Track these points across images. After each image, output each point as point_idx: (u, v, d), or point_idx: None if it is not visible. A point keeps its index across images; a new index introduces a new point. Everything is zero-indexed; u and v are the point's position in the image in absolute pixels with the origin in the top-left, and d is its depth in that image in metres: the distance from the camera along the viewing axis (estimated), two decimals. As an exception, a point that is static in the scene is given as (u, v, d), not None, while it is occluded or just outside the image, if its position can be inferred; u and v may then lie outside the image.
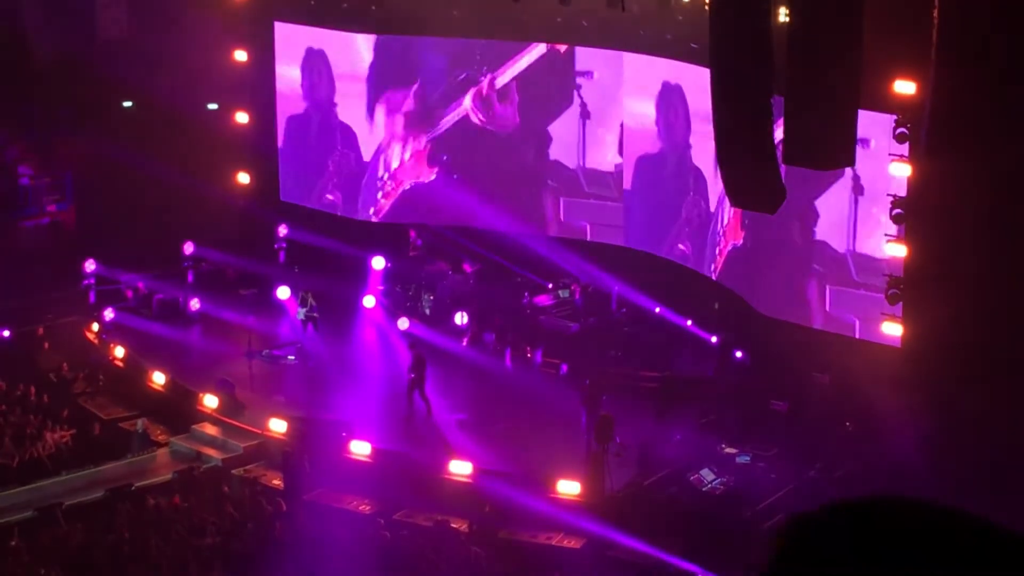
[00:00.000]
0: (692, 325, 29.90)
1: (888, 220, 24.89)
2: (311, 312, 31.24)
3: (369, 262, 33.14)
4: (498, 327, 30.55)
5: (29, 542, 23.18)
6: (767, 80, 17.59)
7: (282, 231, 34.51)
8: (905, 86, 23.64)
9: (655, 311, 30.59)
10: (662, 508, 24.35)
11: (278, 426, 27.00)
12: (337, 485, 25.40)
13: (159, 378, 29.38)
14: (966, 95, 22.00)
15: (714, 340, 29.05)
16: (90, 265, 32.54)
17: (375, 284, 33.11)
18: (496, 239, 32.98)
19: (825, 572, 1.82)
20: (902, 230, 24.87)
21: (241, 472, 26.56)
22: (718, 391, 27.98)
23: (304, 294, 31.43)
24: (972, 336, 23.13)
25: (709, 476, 25.09)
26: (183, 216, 33.66)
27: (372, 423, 26.89)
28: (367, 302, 32.38)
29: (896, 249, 25.01)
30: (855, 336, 26.33)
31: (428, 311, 32.31)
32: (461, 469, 25.11)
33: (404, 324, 31.08)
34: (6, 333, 31.25)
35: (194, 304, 32.45)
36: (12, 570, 22.24)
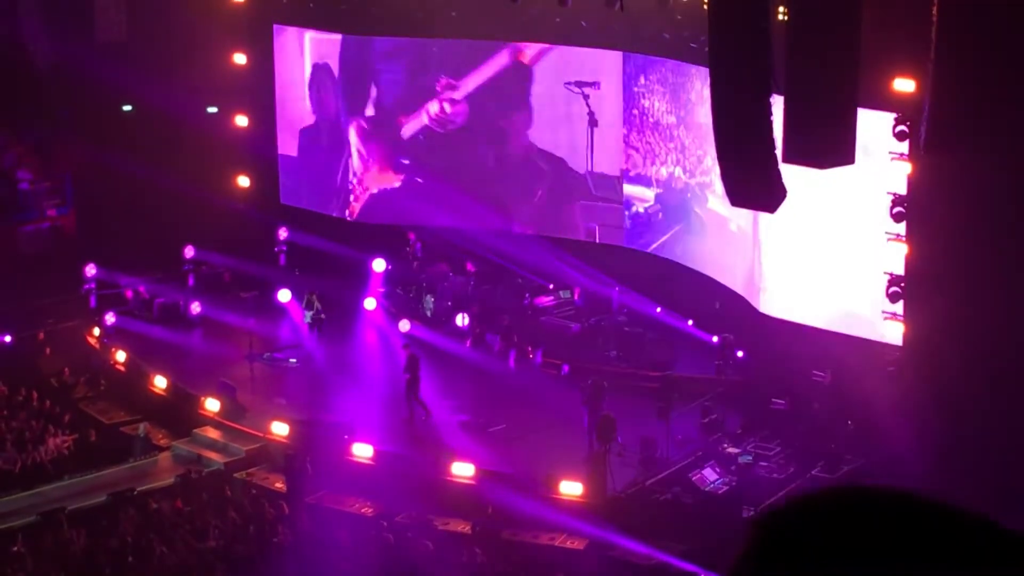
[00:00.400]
0: (693, 325, 29.90)
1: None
2: (318, 315, 31.20)
3: (370, 264, 33.12)
4: (504, 328, 30.53)
5: (32, 547, 23.16)
6: (766, 79, 17.59)
7: (282, 234, 34.49)
8: (904, 84, 23.63)
9: (656, 311, 30.59)
10: (664, 508, 24.34)
11: (280, 429, 26.98)
12: (339, 488, 25.39)
13: (160, 382, 29.36)
14: (966, 93, 21.97)
15: (715, 340, 29.03)
16: (91, 269, 32.50)
17: (376, 286, 33.09)
18: (490, 240, 33.01)
19: (799, 569, 1.73)
20: (904, 228, 24.86)
21: (243, 475, 26.55)
22: (719, 391, 27.97)
23: (309, 296, 31.39)
24: (974, 333, 23.13)
25: (711, 476, 25.07)
26: (183, 220, 33.61)
27: (374, 425, 26.88)
28: (368, 304, 32.35)
29: (897, 248, 25.00)
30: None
31: (429, 313, 32.28)
32: (463, 471, 25.10)
33: (405, 326, 31.05)
34: (7, 338, 31.23)
35: (195, 308, 32.42)
36: (15, 574, 22.23)
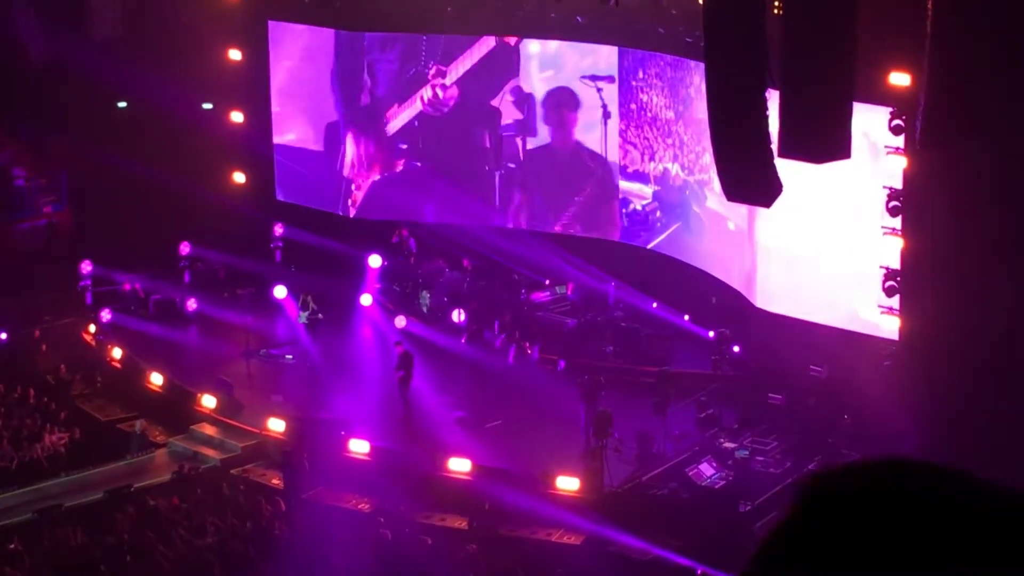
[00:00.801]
0: (689, 320, 29.89)
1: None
2: (314, 315, 31.15)
3: (366, 260, 33.10)
4: (506, 323, 30.52)
5: (29, 544, 23.15)
6: (762, 73, 17.57)
7: (278, 230, 34.46)
8: (900, 78, 23.62)
9: (652, 307, 30.59)
10: (661, 503, 24.36)
11: (276, 425, 26.98)
12: (336, 484, 25.39)
13: (157, 379, 29.35)
14: (961, 87, 21.95)
15: (711, 335, 29.02)
16: (86, 266, 32.48)
17: (372, 282, 33.06)
18: (485, 235, 33.02)
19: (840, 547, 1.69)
20: (900, 222, 24.86)
21: (240, 472, 26.54)
22: (716, 386, 27.97)
23: (304, 297, 31.35)
24: (970, 327, 23.14)
25: (708, 471, 25.08)
26: (179, 216, 33.59)
27: (371, 421, 26.88)
28: (364, 300, 32.32)
29: (893, 242, 25.00)
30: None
31: (426, 309, 32.26)
32: (460, 467, 25.10)
33: (401, 322, 31.04)
34: (3, 335, 31.22)
35: (191, 304, 32.40)
36: (12, 572, 22.21)
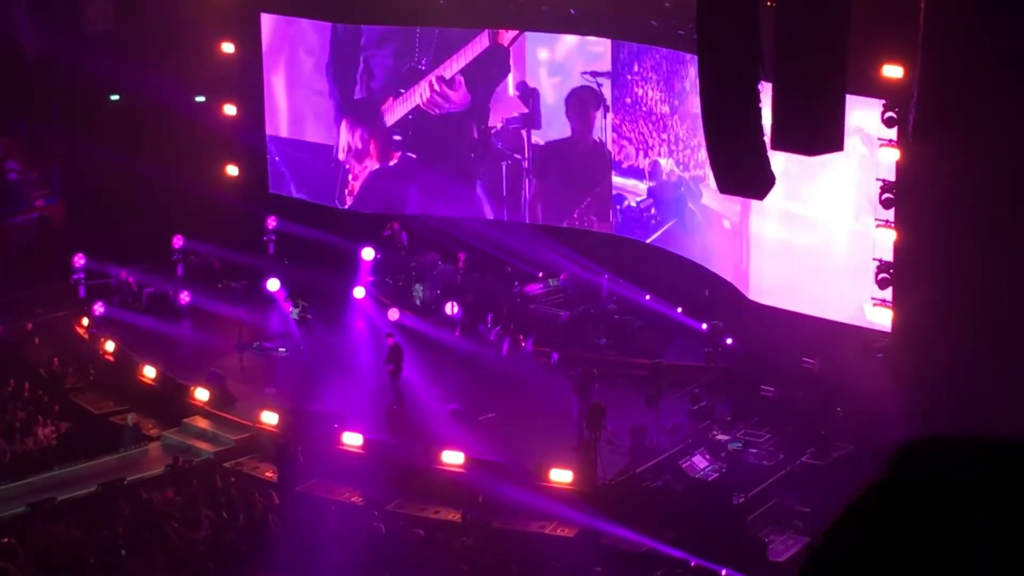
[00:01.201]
0: (682, 313, 29.91)
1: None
2: (304, 313, 31.08)
3: (359, 253, 33.09)
4: (500, 316, 30.53)
5: (21, 537, 23.14)
6: (754, 66, 17.59)
7: (271, 223, 34.45)
8: (893, 70, 23.64)
9: (645, 299, 30.60)
10: (654, 495, 24.38)
11: (270, 418, 26.99)
12: (329, 477, 25.39)
13: (150, 372, 29.33)
14: (954, 79, 21.99)
15: (704, 327, 29.04)
16: (79, 260, 32.47)
17: (365, 275, 33.05)
18: (481, 228, 33.02)
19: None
20: (892, 215, 24.89)
21: (233, 465, 26.54)
22: (709, 378, 28.00)
23: (296, 300, 31.22)
24: (962, 319, 23.18)
25: (701, 463, 25.10)
26: (172, 209, 33.55)
27: (364, 414, 26.89)
28: (357, 293, 32.32)
29: (886, 234, 25.03)
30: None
31: (419, 301, 32.27)
32: (453, 459, 25.11)
33: (394, 315, 31.04)
34: (-4, 329, 31.22)
35: (184, 297, 32.39)
36: (4, 566, 22.20)
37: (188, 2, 34.67)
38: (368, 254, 33.10)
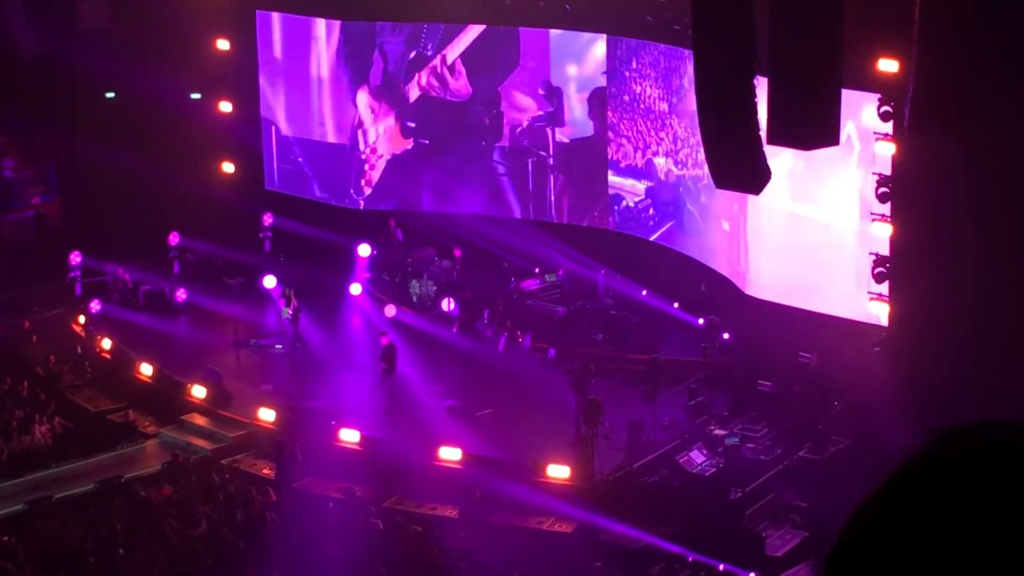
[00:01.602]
0: (678, 308, 29.91)
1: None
2: (295, 311, 30.93)
3: (355, 250, 33.08)
4: (497, 312, 30.52)
5: (19, 535, 23.12)
6: (750, 61, 17.58)
7: (267, 220, 34.44)
8: (888, 64, 23.63)
9: (642, 294, 30.60)
10: (652, 491, 24.37)
11: (267, 415, 26.98)
12: (327, 473, 25.38)
13: (146, 369, 29.32)
14: (950, 73, 22.00)
15: (701, 322, 29.05)
16: (76, 257, 32.45)
17: (361, 271, 33.05)
18: (478, 224, 33.01)
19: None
20: (889, 209, 24.89)
21: (230, 462, 26.53)
22: (706, 373, 28.00)
23: (287, 292, 31.11)
24: (958, 313, 23.17)
25: (698, 458, 25.10)
26: (168, 207, 33.57)
27: (361, 410, 26.89)
28: (354, 290, 32.32)
29: (882, 228, 25.03)
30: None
31: (416, 298, 32.26)
32: (451, 455, 25.11)
33: (391, 312, 31.02)
34: (-8, 327, 31.20)
35: (180, 295, 32.38)
36: (4, 564, 22.18)
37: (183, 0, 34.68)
38: (364, 250, 33.09)
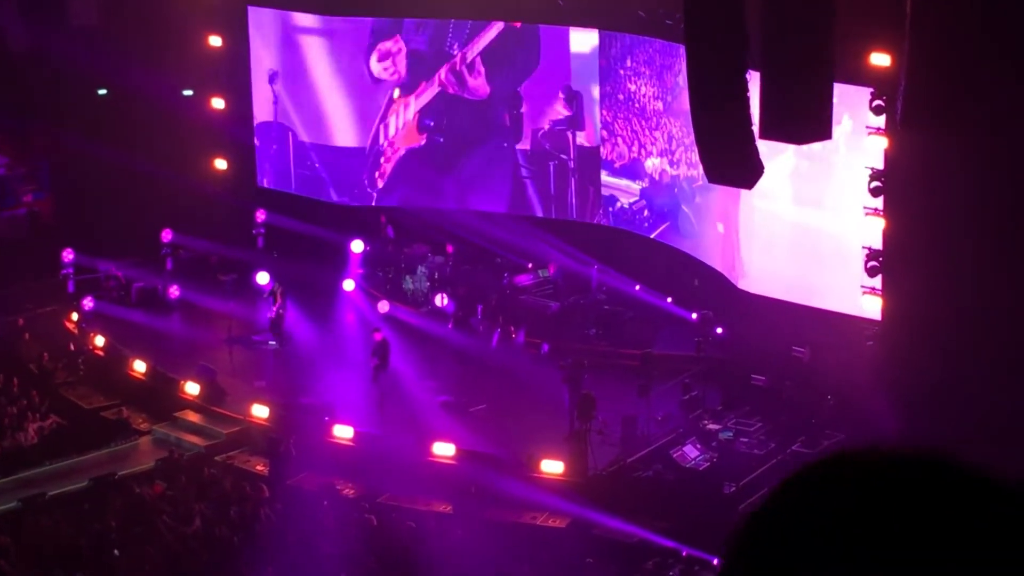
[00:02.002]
0: (672, 303, 29.92)
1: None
2: (279, 310, 30.78)
3: (348, 246, 33.07)
4: (490, 308, 30.52)
5: (13, 533, 23.10)
6: (742, 55, 17.59)
7: (260, 216, 34.42)
8: (880, 59, 23.65)
9: (635, 289, 30.61)
10: (646, 485, 24.40)
11: (260, 412, 26.97)
12: (321, 469, 25.36)
13: (140, 366, 29.30)
14: (941, 67, 22.01)
15: (694, 317, 29.05)
16: (68, 255, 32.42)
17: (355, 268, 33.04)
18: (470, 220, 32.99)
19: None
20: (881, 203, 24.91)
21: (224, 458, 26.52)
22: (699, 368, 28.00)
23: (275, 289, 30.98)
24: (951, 306, 23.20)
25: (692, 452, 25.13)
26: (161, 203, 33.52)
27: (354, 407, 26.88)
28: (347, 286, 32.31)
29: (875, 222, 25.05)
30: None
31: (409, 294, 32.25)
32: (444, 451, 25.11)
33: (384, 307, 31.01)
34: (-15, 324, 31.16)
35: (173, 291, 32.35)
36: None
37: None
38: (357, 247, 33.08)
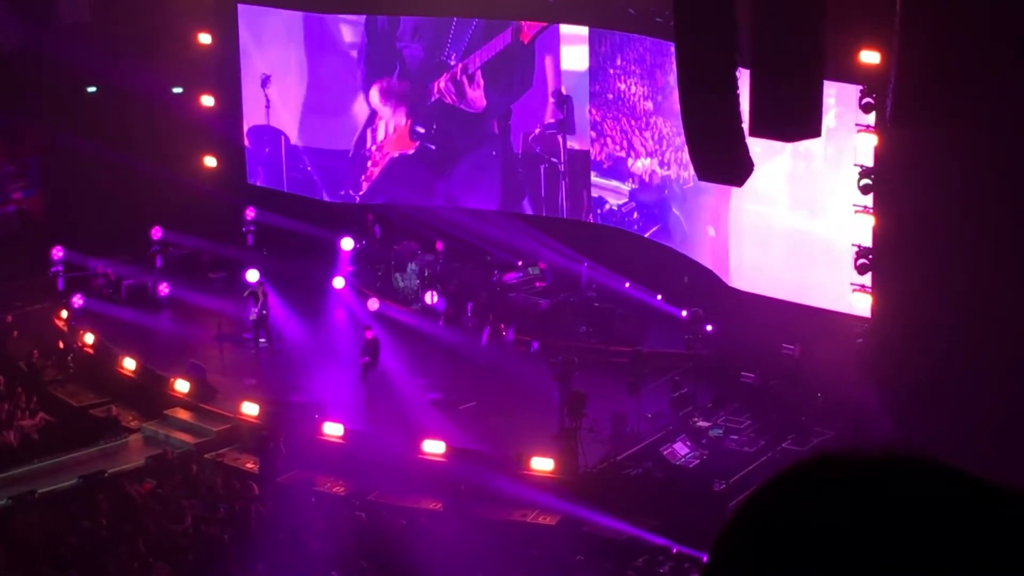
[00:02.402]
0: (662, 300, 29.93)
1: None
2: (262, 309, 30.66)
3: (338, 243, 33.05)
4: (480, 305, 30.51)
5: (2, 530, 23.06)
6: (732, 52, 17.58)
7: (250, 214, 34.38)
8: (870, 56, 23.66)
9: (625, 286, 30.62)
10: (636, 483, 24.41)
11: (250, 409, 26.94)
12: (311, 467, 25.35)
13: (129, 364, 29.27)
14: (931, 65, 22.03)
15: (684, 314, 29.05)
16: (58, 252, 32.38)
17: (345, 265, 33.02)
18: (460, 217, 32.99)
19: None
20: (871, 200, 24.92)
21: (214, 456, 26.49)
22: (689, 365, 28.01)
23: (258, 288, 30.87)
24: (941, 304, 23.22)
25: (682, 450, 25.13)
26: (150, 201, 33.49)
27: (344, 404, 26.86)
28: (337, 283, 32.29)
29: (865, 219, 25.07)
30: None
31: (400, 291, 32.23)
32: (434, 448, 25.10)
33: (374, 305, 30.99)
34: (-26, 322, 31.09)
35: (163, 289, 32.31)
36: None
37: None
38: (347, 244, 33.06)
